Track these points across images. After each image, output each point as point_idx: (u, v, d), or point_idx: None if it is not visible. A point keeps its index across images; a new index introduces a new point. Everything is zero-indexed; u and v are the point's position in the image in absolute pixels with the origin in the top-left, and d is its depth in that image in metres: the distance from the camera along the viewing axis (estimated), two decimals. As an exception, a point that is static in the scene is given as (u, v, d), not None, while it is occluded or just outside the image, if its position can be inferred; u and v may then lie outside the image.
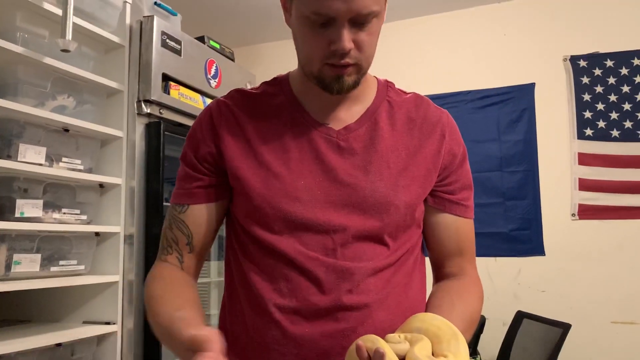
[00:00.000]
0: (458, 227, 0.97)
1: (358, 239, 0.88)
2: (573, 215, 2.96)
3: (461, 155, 0.98)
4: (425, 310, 0.89)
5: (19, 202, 1.57)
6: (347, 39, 0.82)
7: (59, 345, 1.63)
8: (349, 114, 0.95)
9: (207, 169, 0.94)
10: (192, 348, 0.68)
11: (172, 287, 0.91)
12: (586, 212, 2.94)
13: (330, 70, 0.86)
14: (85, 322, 1.83)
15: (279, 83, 0.99)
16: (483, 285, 0.99)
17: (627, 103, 2.91)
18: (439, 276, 1.00)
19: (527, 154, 3.08)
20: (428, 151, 0.94)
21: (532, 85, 3.09)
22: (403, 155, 0.93)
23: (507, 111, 3.13)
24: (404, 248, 0.93)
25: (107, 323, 1.80)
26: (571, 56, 3.03)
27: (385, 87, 1.00)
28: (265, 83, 1.01)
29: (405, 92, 1.02)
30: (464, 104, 3.20)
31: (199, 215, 0.95)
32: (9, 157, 1.55)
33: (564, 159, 3.01)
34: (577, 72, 3.01)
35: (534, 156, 3.07)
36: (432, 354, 0.73)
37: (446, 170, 0.95)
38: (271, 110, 0.95)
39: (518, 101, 3.11)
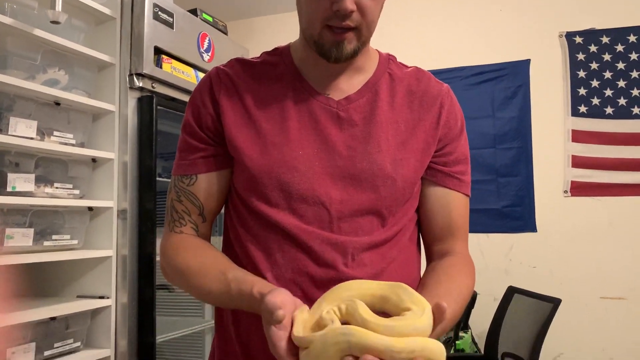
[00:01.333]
0: (449, 200, 0.95)
1: (355, 212, 0.88)
2: (565, 192, 2.98)
3: (458, 128, 0.97)
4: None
5: (11, 176, 1.56)
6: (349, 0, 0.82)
7: (53, 319, 1.64)
8: (350, 84, 0.94)
9: (209, 137, 0.94)
10: (267, 308, 0.69)
11: (205, 254, 0.91)
12: (578, 189, 2.96)
13: (330, 34, 0.86)
14: (79, 297, 1.83)
15: (280, 53, 0.98)
16: (475, 261, 0.98)
17: (621, 80, 2.91)
18: (429, 256, 0.99)
19: (521, 130, 3.08)
20: (427, 125, 0.93)
21: (528, 61, 3.08)
22: (402, 128, 0.92)
23: (501, 88, 3.12)
24: (401, 223, 0.92)
25: (101, 297, 1.81)
26: (567, 32, 3.01)
27: (387, 60, 0.99)
28: (265, 53, 1.00)
29: (406, 66, 1.00)
30: (458, 80, 3.18)
31: (208, 186, 0.94)
32: (-1, 131, 1.53)
33: (558, 136, 3.01)
34: (573, 48, 2.99)
35: (527, 133, 3.07)
36: (387, 316, 0.71)
37: (441, 142, 0.95)
38: (271, 80, 0.94)
39: (513, 77, 3.10)
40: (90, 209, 1.82)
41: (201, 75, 2.18)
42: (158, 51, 1.95)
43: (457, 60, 3.21)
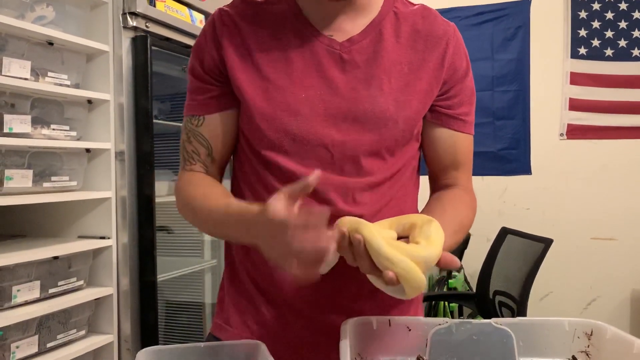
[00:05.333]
0: (455, 141, 0.96)
1: (356, 153, 0.89)
2: (561, 135, 2.99)
3: (463, 70, 0.96)
4: None
5: (7, 117, 1.55)
6: None
7: (56, 258, 1.67)
8: (353, 25, 0.92)
9: (215, 79, 0.93)
10: (265, 215, 0.68)
11: (213, 186, 0.93)
12: (574, 132, 2.97)
13: None
14: (81, 237, 1.86)
15: None
16: None
17: (623, 21, 2.86)
18: (434, 188, 1.02)
19: (519, 73, 3.05)
20: (431, 66, 0.92)
21: (528, 1, 3.02)
22: (406, 69, 0.91)
23: (501, 28, 3.07)
24: (401, 163, 0.93)
25: (102, 237, 1.84)
26: (570, -29, 2.94)
27: None
28: None
29: (412, 3, 0.98)
30: (458, 21, 3.12)
31: (215, 126, 0.94)
32: (-7, 71, 1.51)
33: (556, 78, 2.99)
34: (575, -13, 2.93)
35: (526, 76, 3.05)
36: (409, 242, 0.76)
37: (446, 84, 0.93)
38: (273, 20, 0.93)
39: (513, 18, 3.05)
40: (87, 150, 1.83)
41: (195, 14, 2.13)
42: (151, -11, 1.90)
43: (457, 0, 3.14)
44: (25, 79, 1.59)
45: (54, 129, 1.71)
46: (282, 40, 0.91)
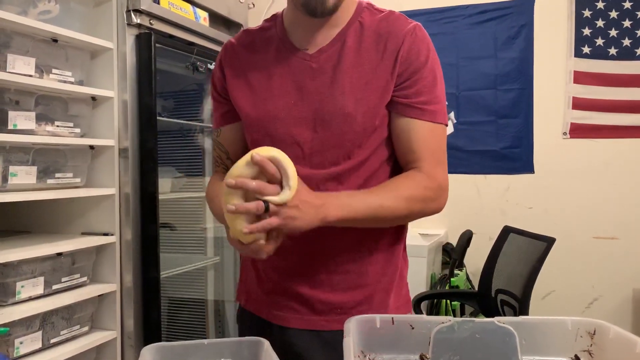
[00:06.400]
0: (410, 128, 1.04)
1: (322, 148, 1.04)
2: (564, 134, 2.98)
3: (421, 62, 1.03)
4: None
5: (12, 114, 1.56)
6: None
7: (59, 254, 1.68)
8: (324, 37, 1.06)
9: (223, 97, 1.15)
10: None
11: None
12: (577, 130, 2.96)
13: None
14: (84, 233, 1.87)
15: (274, 18, 1.14)
16: (471, 202, 1.05)
17: (627, 20, 2.85)
18: None
19: (522, 71, 3.04)
20: (387, 62, 1.03)
21: (532, 0, 3.01)
22: (367, 69, 1.03)
23: (505, 27, 3.06)
24: (367, 153, 1.04)
25: (105, 234, 1.84)
26: (574, -31, 2.93)
27: (361, 9, 1.09)
28: (265, 19, 1.16)
29: (381, 11, 1.09)
30: (461, 19, 3.12)
31: (229, 136, 1.16)
32: (-3, 68, 1.52)
33: (559, 77, 2.99)
34: (579, -14, 2.92)
35: (529, 74, 3.04)
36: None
37: (401, 77, 1.03)
38: (264, 43, 1.12)
39: (517, 17, 3.04)
40: (91, 147, 1.83)
41: (200, 12, 2.13)
42: (155, -14, 1.90)
43: (460, -2, 3.14)
44: (30, 75, 1.59)
45: (58, 126, 1.71)
46: (268, 58, 1.10)
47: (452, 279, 2.82)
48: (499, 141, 3.08)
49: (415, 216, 1.06)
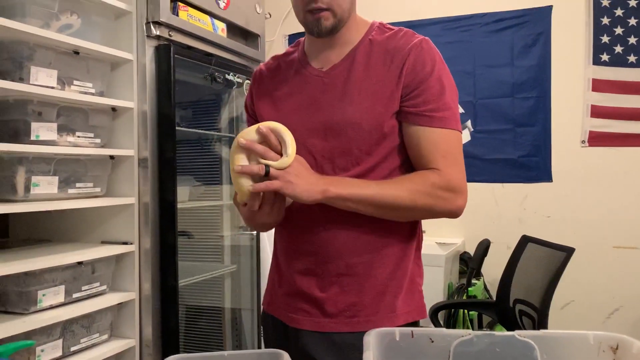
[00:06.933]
0: (419, 135, 1.09)
1: (332, 155, 1.11)
2: (583, 142, 2.96)
3: (426, 72, 1.08)
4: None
5: (34, 125, 1.59)
6: None
7: (80, 263, 1.70)
8: (337, 56, 1.16)
9: (255, 119, 1.27)
10: None
11: None
12: (596, 139, 2.94)
13: (310, 16, 1.10)
14: (104, 242, 1.89)
15: (297, 44, 1.26)
16: (489, 210, 1.06)
17: (646, 27, 2.83)
18: None
19: (540, 79, 3.03)
20: (393, 74, 1.09)
21: (550, 7, 3.00)
22: (373, 81, 1.10)
23: (522, 35, 3.05)
24: (374, 160, 1.10)
25: (125, 243, 1.86)
26: (592, -23, 2.91)
27: (373, 28, 1.17)
28: (290, 45, 1.29)
29: (391, 29, 1.16)
30: (478, 27, 3.12)
31: None
32: (21, 80, 1.55)
33: (577, 85, 2.97)
34: (597, -7, 2.90)
35: (546, 82, 3.02)
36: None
37: (408, 87, 1.08)
38: (287, 66, 1.24)
39: (534, 25, 3.03)
40: (111, 157, 1.86)
41: (218, 23, 2.16)
42: (174, -2, 1.93)
43: (477, 7, 3.14)
44: (52, 87, 1.62)
45: (79, 136, 1.74)
46: (288, 79, 1.22)
47: (469, 289, 2.80)
48: (517, 149, 3.07)
49: (422, 211, 1.09)
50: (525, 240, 2.43)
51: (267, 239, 2.54)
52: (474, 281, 2.87)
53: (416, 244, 1.18)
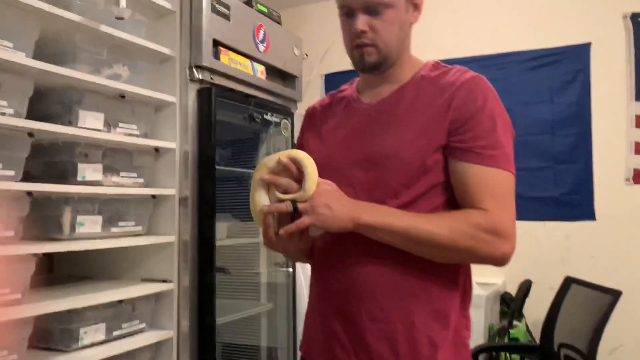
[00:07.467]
0: (468, 172, 1.04)
1: (372, 187, 1.10)
2: (627, 180, 2.88)
3: (476, 108, 1.06)
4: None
5: (81, 167, 1.65)
6: (359, 22, 1.09)
7: (120, 301, 1.73)
8: (386, 90, 1.17)
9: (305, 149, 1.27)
10: None
11: None
12: (641, 176, 2.86)
13: (356, 51, 1.13)
14: (144, 280, 1.92)
15: (353, 82, 1.29)
16: (530, 249, 1.03)
17: (690, 62, 2.77)
18: None
19: (580, 116, 2.99)
20: (440, 109, 1.08)
21: (588, 45, 2.97)
22: (419, 115, 1.10)
23: (560, 72, 3.03)
24: (413, 195, 1.07)
25: (164, 281, 1.89)
26: (632, 13, 2.88)
27: (426, 66, 1.18)
28: (347, 83, 1.31)
29: (445, 67, 1.16)
30: (514, 65, 3.11)
31: None
32: (70, 124, 1.61)
33: (620, 121, 2.91)
34: (638, 30, 2.86)
35: (587, 119, 2.97)
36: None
37: (456, 123, 1.06)
38: (338, 101, 1.28)
39: (572, 62, 3.00)
40: (153, 196, 1.90)
41: (257, 65, 2.22)
42: (216, 43, 1.99)
43: (514, 45, 3.14)
44: (99, 130, 1.68)
45: (123, 176, 1.79)
46: (337, 113, 1.25)
47: (511, 331, 2.72)
48: (558, 187, 3.01)
49: (462, 253, 1.03)
50: (569, 282, 2.36)
51: (303, 276, 2.53)
52: (515, 323, 2.78)
53: (461, 291, 1.11)
